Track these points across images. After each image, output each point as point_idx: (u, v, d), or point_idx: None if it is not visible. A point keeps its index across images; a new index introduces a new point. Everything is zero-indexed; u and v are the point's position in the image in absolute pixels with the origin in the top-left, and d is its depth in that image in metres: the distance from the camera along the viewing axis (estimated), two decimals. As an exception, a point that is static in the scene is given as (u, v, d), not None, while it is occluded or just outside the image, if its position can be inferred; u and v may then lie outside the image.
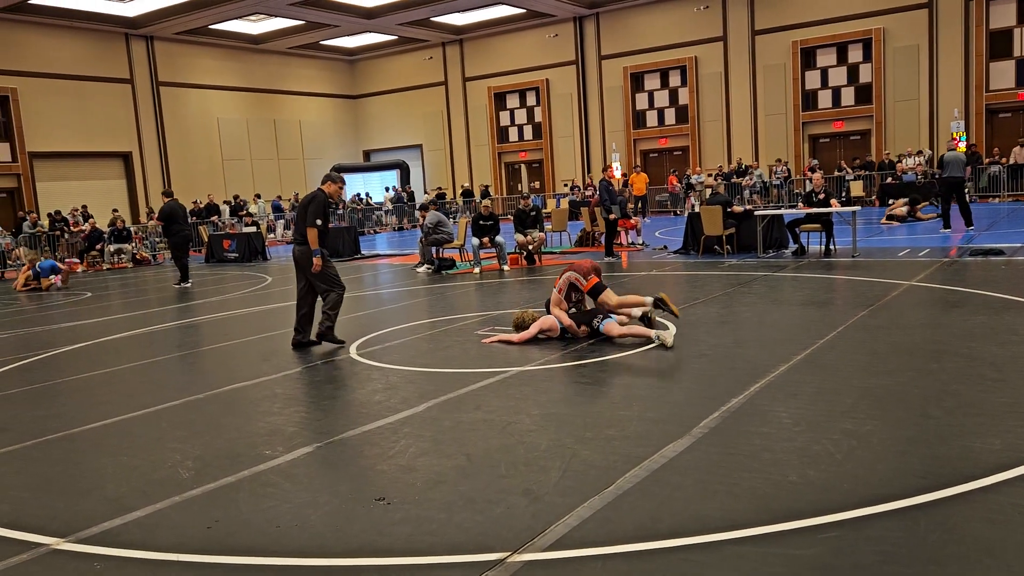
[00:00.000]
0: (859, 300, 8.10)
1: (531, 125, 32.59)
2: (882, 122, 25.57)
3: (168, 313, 11.09)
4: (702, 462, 3.86)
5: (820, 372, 5.38)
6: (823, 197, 12.61)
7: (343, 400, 5.56)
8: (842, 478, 3.54)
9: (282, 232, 27.55)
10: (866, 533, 3.02)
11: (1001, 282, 8.61)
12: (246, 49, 31.38)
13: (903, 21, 24.71)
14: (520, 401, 5.25)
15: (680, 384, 5.48)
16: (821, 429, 4.20)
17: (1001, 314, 6.91)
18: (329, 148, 34.82)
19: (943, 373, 5.18)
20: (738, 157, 27.18)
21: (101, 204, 25.51)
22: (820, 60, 26.54)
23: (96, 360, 7.71)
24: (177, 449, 4.62)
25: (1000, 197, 22.25)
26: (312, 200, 7.49)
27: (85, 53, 26.77)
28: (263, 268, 17.56)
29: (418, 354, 7.01)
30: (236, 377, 6.50)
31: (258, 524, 3.47)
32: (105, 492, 4.02)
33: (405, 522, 3.39)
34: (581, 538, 3.12)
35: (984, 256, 10.73)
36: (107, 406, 5.79)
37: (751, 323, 7.38)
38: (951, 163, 14.95)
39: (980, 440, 3.91)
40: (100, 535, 3.47)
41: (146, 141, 28.65)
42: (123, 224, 22.21)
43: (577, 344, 6.82)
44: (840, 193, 22.48)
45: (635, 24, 29.03)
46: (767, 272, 10.76)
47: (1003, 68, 23.96)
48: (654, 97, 29.78)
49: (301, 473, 4.09)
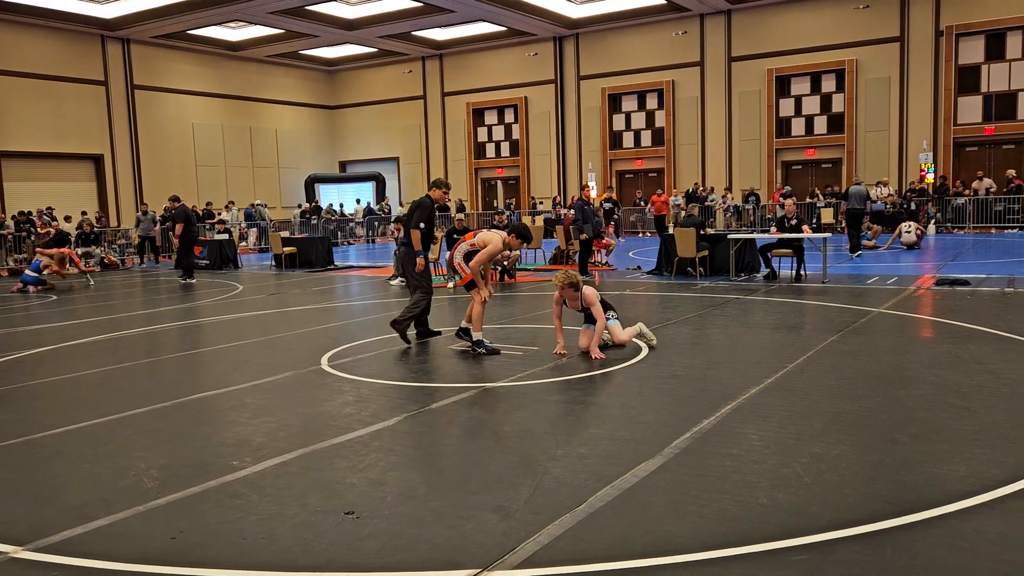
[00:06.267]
0: (829, 325, 8.21)
1: (508, 142, 32.71)
2: (853, 151, 26.03)
3: (136, 319, 10.92)
4: (673, 482, 3.87)
5: (790, 396, 5.43)
6: (795, 223, 12.80)
7: (313, 412, 5.50)
8: (811, 501, 3.57)
9: (254, 241, 27.33)
10: (834, 557, 3.04)
11: (966, 311, 8.78)
12: (224, 56, 31.19)
13: (875, 54, 25.24)
14: (492, 417, 5.23)
15: (652, 404, 5.50)
16: (791, 452, 4.24)
17: (966, 343, 7.04)
18: (305, 158, 34.65)
19: (910, 400, 5.26)
20: (694, 181, 27.38)
21: (71, 206, 25.08)
22: (794, 88, 26.99)
23: (60, 365, 7.56)
24: (142, 457, 4.54)
25: (966, 229, 22.72)
26: (419, 205, 8.15)
27: (59, 53, 26.41)
28: (234, 276, 17.38)
29: (390, 367, 6.96)
30: (204, 386, 6.41)
31: (224, 536, 3.41)
32: (66, 500, 3.93)
33: (374, 537, 3.35)
34: (552, 556, 3.11)
35: (950, 286, 10.94)
36: (70, 412, 5.68)
37: (723, 345, 7.44)
38: (854, 196, 16.80)
39: (945, 467, 3.97)
40: (60, 544, 3.39)
41: (119, 144, 28.28)
42: (90, 227, 21.86)
43: (549, 362, 6.82)
44: (811, 220, 22.81)
45: (614, 46, 29.34)
46: (739, 295, 10.86)
47: (971, 103, 24.54)
48: (631, 119, 30.06)
49: (269, 485, 4.03)
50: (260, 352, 7.94)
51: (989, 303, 9.44)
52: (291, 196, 33.81)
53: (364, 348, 7.86)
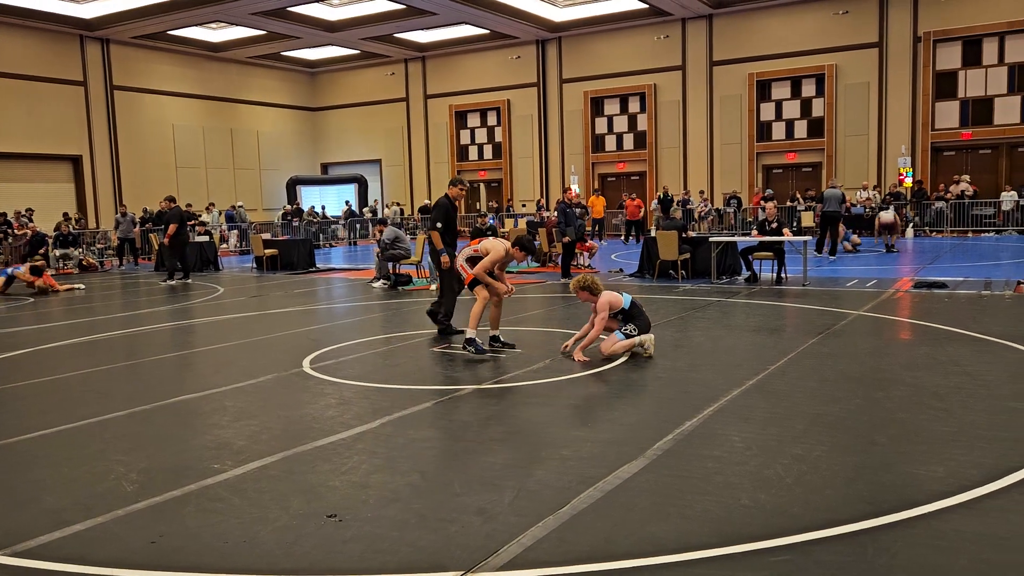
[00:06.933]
0: (809, 328, 8.27)
1: (491, 145, 32.72)
2: (833, 155, 26.27)
3: (115, 321, 10.81)
4: (656, 484, 3.88)
5: (772, 397, 5.47)
6: (776, 226, 12.89)
7: (295, 414, 5.47)
8: (792, 502, 3.60)
9: (235, 243, 27.14)
10: (815, 557, 3.07)
11: (944, 314, 8.88)
12: (205, 56, 30.97)
13: (855, 59, 25.50)
14: (475, 419, 5.23)
15: (635, 406, 5.52)
16: (772, 454, 4.27)
17: (944, 345, 7.12)
18: (287, 159, 34.47)
19: (889, 401, 5.31)
20: (664, 186, 27.45)
21: (49, 208, 24.81)
22: (775, 93, 27.21)
23: (38, 368, 7.47)
24: (121, 461, 4.49)
25: (943, 232, 22.98)
26: (436, 206, 8.48)
27: (37, 53, 26.11)
28: (215, 279, 17.26)
29: (373, 369, 6.94)
30: (185, 389, 6.36)
31: (205, 540, 3.39)
32: (44, 504, 3.88)
33: (357, 540, 3.33)
34: (535, 558, 3.11)
35: (928, 289, 11.06)
36: (48, 415, 5.61)
37: (705, 347, 7.48)
38: (830, 199, 16.98)
39: (924, 467, 4.01)
40: (37, 548, 3.35)
41: (97, 145, 27.99)
42: (68, 229, 21.63)
43: (532, 365, 6.83)
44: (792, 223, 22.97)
45: (596, 50, 29.44)
46: (721, 298, 10.92)
47: (948, 108, 24.84)
48: (613, 122, 30.16)
49: (250, 488, 4.00)
50: (241, 355, 7.89)
51: (966, 306, 9.55)
52: (273, 198, 33.63)
53: (346, 350, 7.82)
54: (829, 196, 17.13)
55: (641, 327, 6.96)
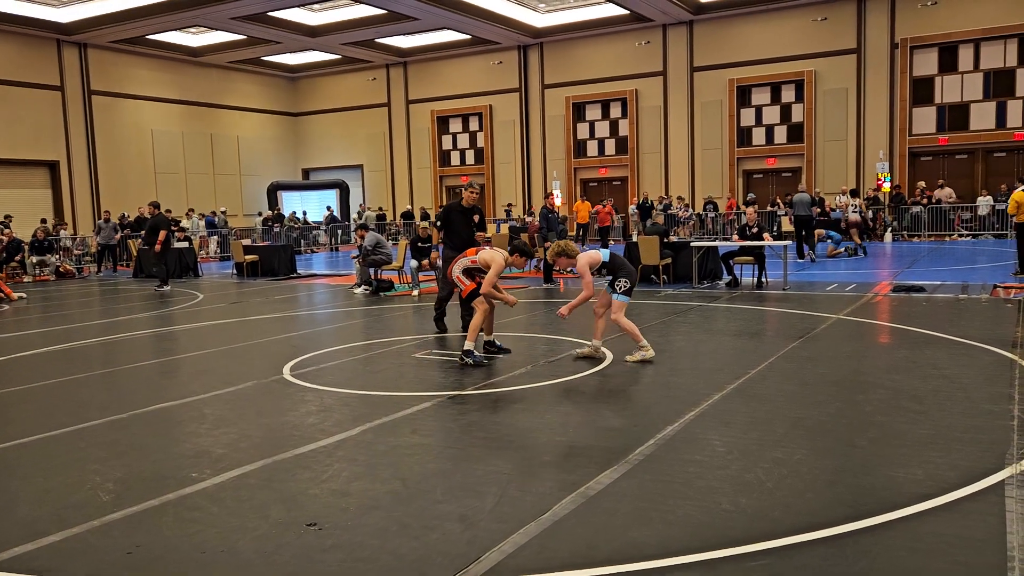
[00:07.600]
0: (789, 332, 8.32)
1: (473, 150, 32.72)
2: (812, 160, 26.49)
3: (92, 329, 10.68)
4: (637, 489, 3.88)
5: (752, 401, 5.49)
6: (756, 231, 12.97)
7: (275, 422, 5.42)
8: (773, 506, 3.61)
9: (215, 249, 26.93)
10: (796, 561, 3.07)
11: (922, 317, 8.96)
12: (184, 61, 30.76)
13: (833, 65, 25.75)
14: (456, 426, 5.21)
15: (616, 411, 5.52)
16: (753, 458, 4.28)
17: (922, 348, 7.18)
18: (267, 165, 34.28)
19: (868, 405, 5.34)
20: (644, 192, 27.56)
21: (25, 214, 24.49)
22: (755, 98, 27.42)
23: (11, 376, 7.36)
24: (97, 471, 4.43)
25: (921, 236, 23.23)
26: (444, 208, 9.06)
27: (13, 58, 25.82)
28: (194, 285, 17.11)
29: (353, 376, 6.90)
30: (163, 396, 6.29)
31: (183, 550, 3.34)
32: (17, 515, 3.82)
33: (337, 548, 3.30)
34: (517, 565, 3.10)
35: (907, 292, 11.17)
36: (22, 424, 5.53)
37: (686, 352, 7.50)
38: (799, 204, 17.37)
39: (903, 470, 4.04)
40: (10, 561, 3.29)
41: (75, 151, 27.70)
42: (44, 235, 21.36)
43: (513, 370, 6.82)
44: (772, 228, 23.12)
45: (578, 55, 29.53)
46: (702, 302, 10.97)
47: (925, 114, 25.14)
48: (595, 127, 30.26)
49: (229, 497, 3.96)
50: (221, 362, 7.82)
51: (944, 309, 9.64)
52: (253, 204, 33.42)
53: (327, 357, 7.77)
54: (797, 201, 17.53)
55: (628, 276, 7.09)
